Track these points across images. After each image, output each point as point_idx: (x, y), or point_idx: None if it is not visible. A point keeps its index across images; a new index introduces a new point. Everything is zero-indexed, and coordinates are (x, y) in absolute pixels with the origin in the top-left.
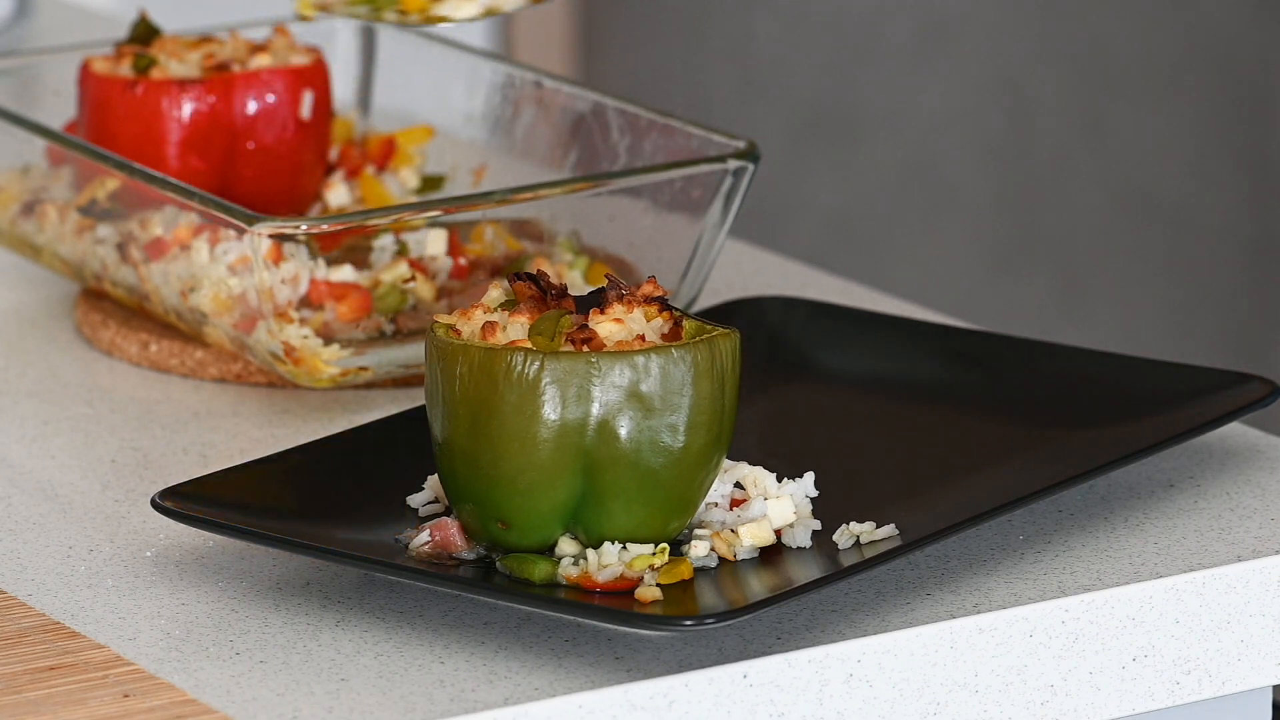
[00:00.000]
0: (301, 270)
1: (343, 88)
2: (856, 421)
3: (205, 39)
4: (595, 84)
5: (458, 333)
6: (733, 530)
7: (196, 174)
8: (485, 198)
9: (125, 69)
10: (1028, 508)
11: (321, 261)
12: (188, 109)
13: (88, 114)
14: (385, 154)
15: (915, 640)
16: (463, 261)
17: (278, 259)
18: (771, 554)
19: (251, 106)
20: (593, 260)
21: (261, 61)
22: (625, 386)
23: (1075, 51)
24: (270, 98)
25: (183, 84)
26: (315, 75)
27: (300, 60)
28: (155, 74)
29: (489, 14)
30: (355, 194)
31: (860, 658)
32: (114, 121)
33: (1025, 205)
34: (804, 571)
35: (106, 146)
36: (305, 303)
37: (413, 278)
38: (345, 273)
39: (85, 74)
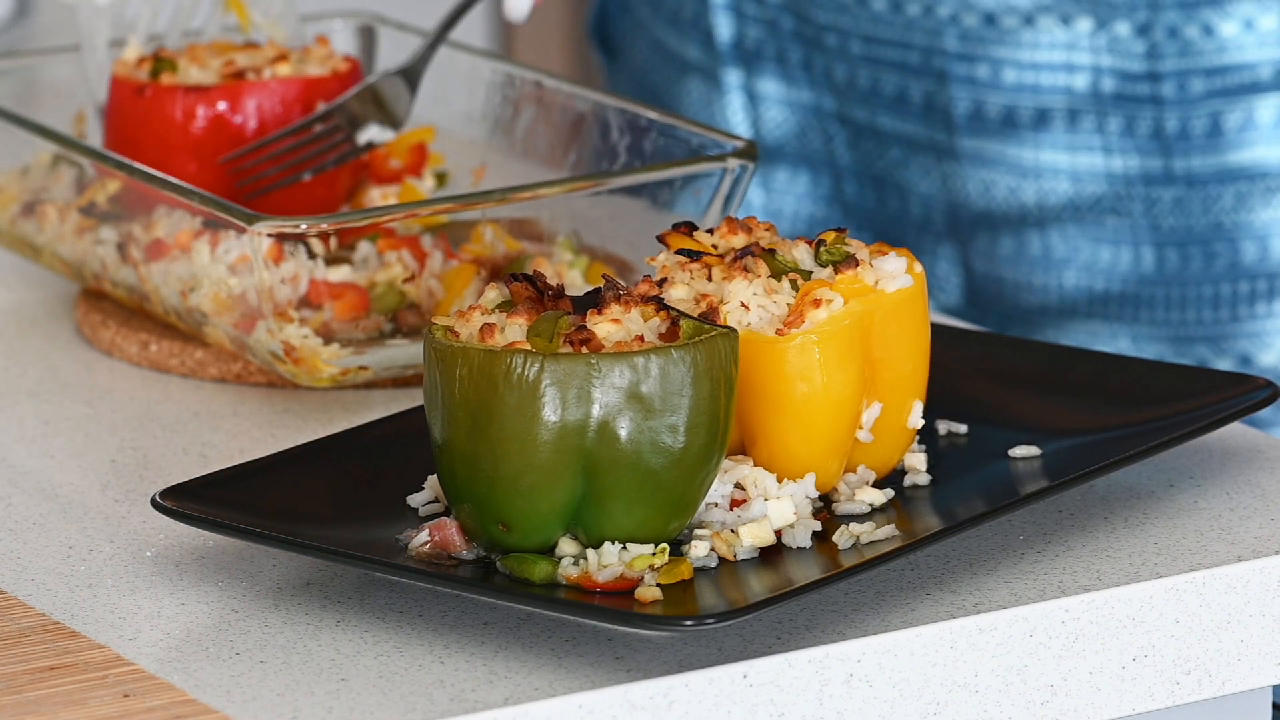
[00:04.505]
0: (301, 270)
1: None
2: None
3: (241, 45)
4: (595, 84)
5: (455, 334)
6: (733, 530)
7: (206, 182)
8: (485, 198)
9: (143, 72)
10: (1028, 508)
11: (320, 261)
12: (195, 116)
13: (110, 114)
14: (418, 160)
15: (915, 640)
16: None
17: (278, 259)
18: (771, 554)
19: (261, 116)
20: (592, 260)
21: (281, 70)
22: (625, 387)
23: None
24: (280, 107)
25: (189, 91)
26: (332, 87)
27: (317, 71)
28: (165, 79)
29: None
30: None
31: (860, 658)
32: (128, 125)
33: None
34: (804, 571)
35: (124, 148)
36: (304, 303)
37: (411, 277)
38: (343, 272)
39: (114, 74)
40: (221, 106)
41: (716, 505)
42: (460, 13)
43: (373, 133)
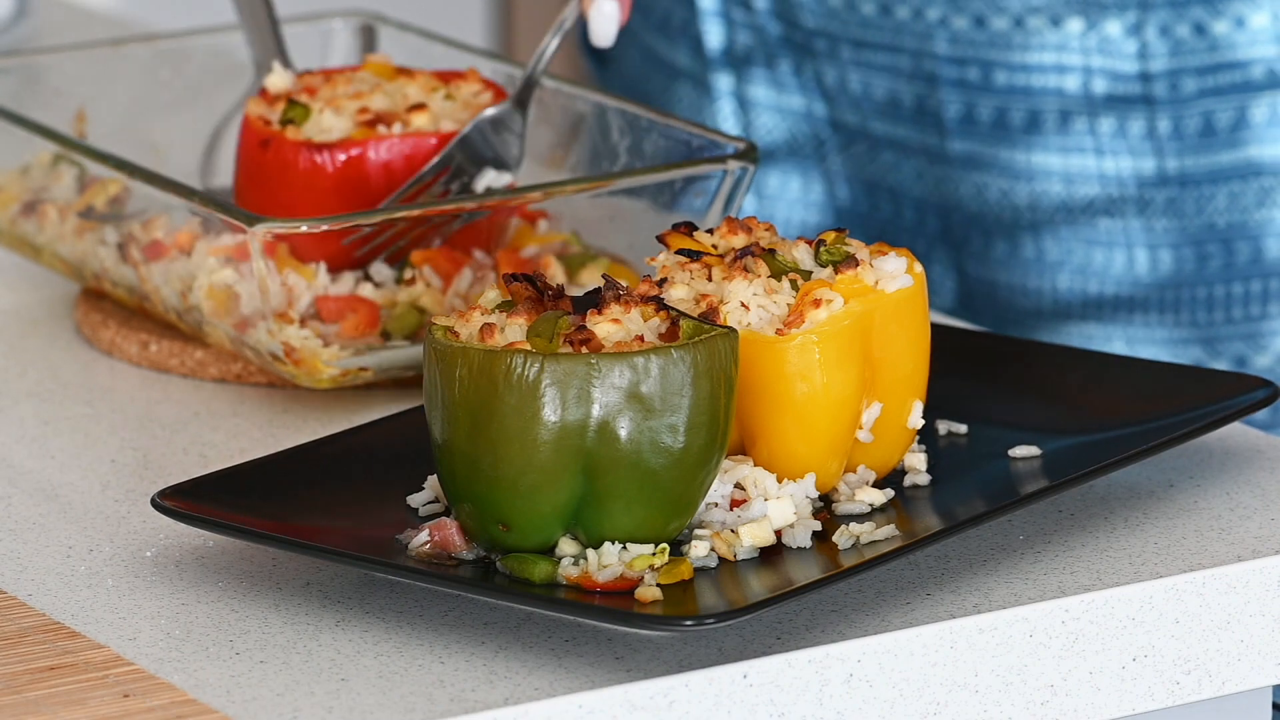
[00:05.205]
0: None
1: None
2: None
3: (401, 70)
4: (595, 84)
5: (455, 334)
6: (733, 530)
7: (330, 240)
8: (486, 199)
9: (275, 113)
10: (1028, 508)
11: (323, 269)
12: (318, 173)
13: (239, 158)
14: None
15: (915, 640)
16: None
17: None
18: (771, 554)
19: (387, 172)
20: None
21: (417, 121)
22: (625, 387)
23: None
24: (406, 164)
25: (311, 146)
26: None
27: (450, 126)
28: (290, 133)
29: None
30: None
31: (860, 658)
32: (253, 177)
33: None
34: (804, 571)
35: (249, 197)
36: (317, 316)
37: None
38: (346, 282)
39: (246, 114)
40: (343, 160)
41: (716, 505)
42: (554, 41)
43: (489, 178)
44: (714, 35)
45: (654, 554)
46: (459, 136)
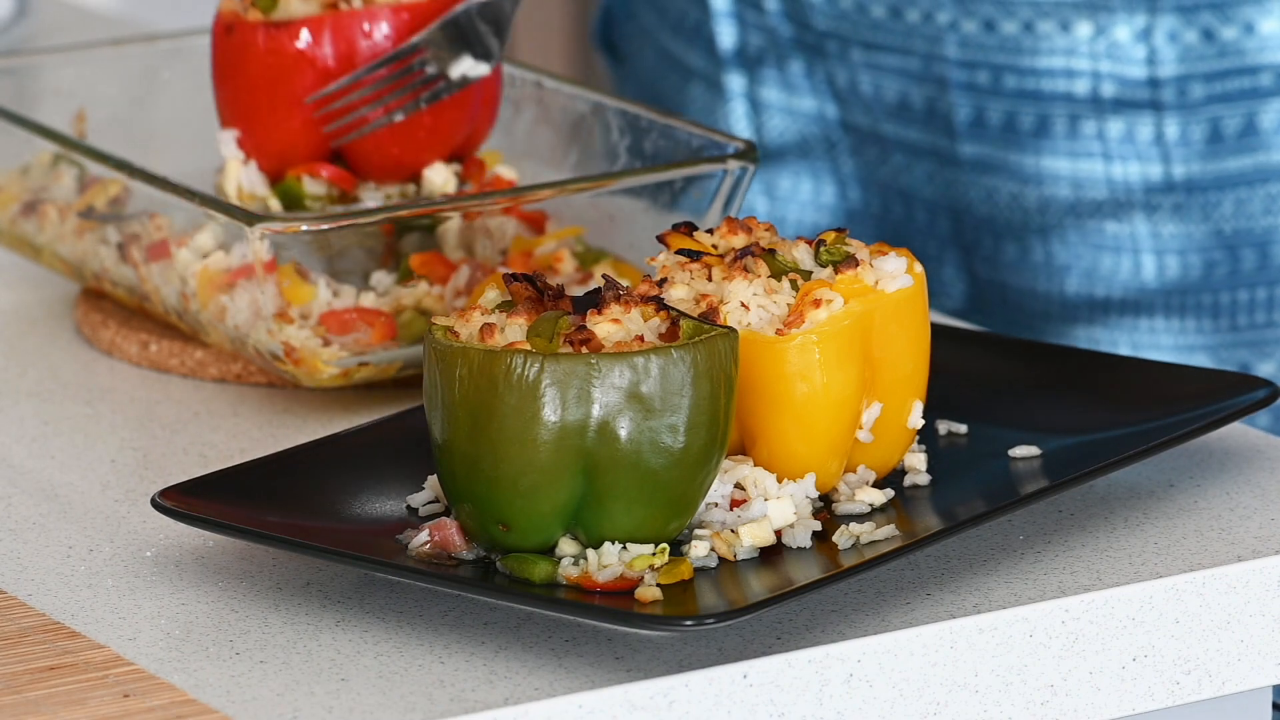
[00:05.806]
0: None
1: None
2: None
3: None
4: (595, 84)
5: (455, 334)
6: (733, 530)
7: (295, 128)
8: (487, 199)
9: (245, 7)
10: (1028, 508)
11: (324, 283)
12: (278, 54)
13: (212, 58)
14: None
15: (915, 640)
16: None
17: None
18: (771, 554)
19: (348, 50)
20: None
21: None
22: (625, 387)
23: None
24: (373, 38)
25: (271, 26)
26: (427, 14)
27: None
28: (252, 16)
29: None
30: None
31: (860, 658)
32: (222, 68)
33: None
34: (804, 571)
35: (220, 93)
36: (330, 326)
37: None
38: (349, 294)
39: (218, 10)
40: (304, 43)
41: (716, 505)
42: None
43: (466, 66)
44: (726, 36)
45: (654, 554)
46: (445, 19)
